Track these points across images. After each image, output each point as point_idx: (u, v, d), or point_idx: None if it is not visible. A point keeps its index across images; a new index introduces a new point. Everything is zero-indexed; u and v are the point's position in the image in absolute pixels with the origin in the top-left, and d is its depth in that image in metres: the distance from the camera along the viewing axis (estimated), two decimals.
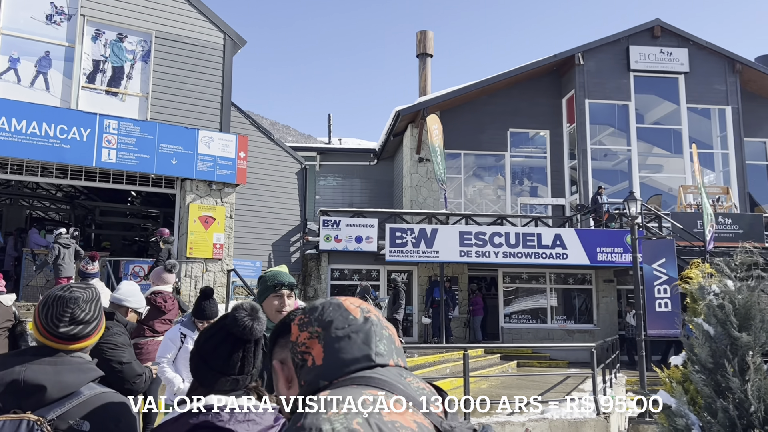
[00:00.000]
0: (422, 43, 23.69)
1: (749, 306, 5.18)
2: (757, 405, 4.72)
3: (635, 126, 20.66)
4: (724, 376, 4.91)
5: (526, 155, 21.64)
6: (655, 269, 10.61)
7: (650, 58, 20.54)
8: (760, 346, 5.13)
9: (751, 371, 4.84)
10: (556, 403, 8.46)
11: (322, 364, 1.11)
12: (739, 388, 4.82)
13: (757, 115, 21.62)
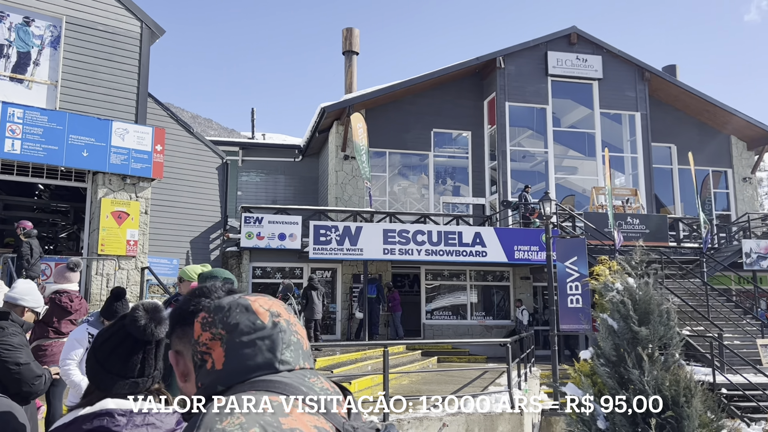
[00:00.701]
0: (348, 41, 23.66)
1: (648, 301, 5.49)
2: (653, 394, 5.01)
3: (552, 129, 21.47)
4: (626, 369, 5.18)
5: (449, 155, 22.04)
6: (567, 267, 11.07)
7: (567, 64, 21.41)
8: (659, 339, 5.45)
9: (646, 363, 5.14)
10: (473, 398, 8.68)
11: (221, 369, 1.06)
12: (639, 379, 5.11)
13: (663, 122, 22.97)
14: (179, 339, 1.23)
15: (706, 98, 22.50)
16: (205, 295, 1.25)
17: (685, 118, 23.52)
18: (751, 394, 12.11)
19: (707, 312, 15.68)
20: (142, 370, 1.80)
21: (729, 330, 15.35)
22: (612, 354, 5.27)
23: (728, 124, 23.34)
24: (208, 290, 1.28)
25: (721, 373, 12.41)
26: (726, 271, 18.33)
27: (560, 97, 21.86)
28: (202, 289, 1.29)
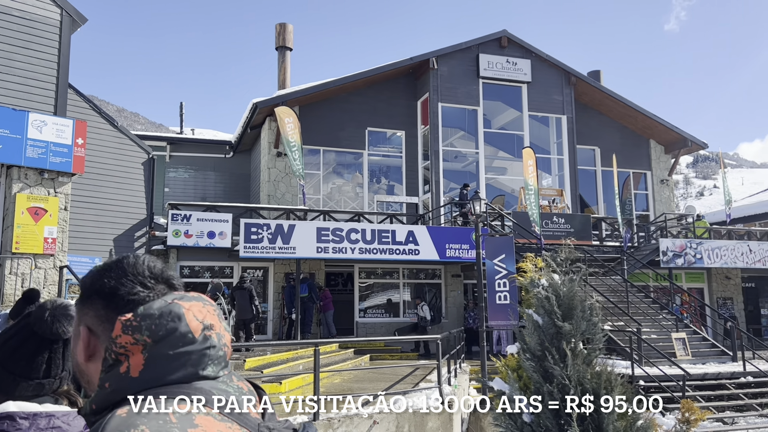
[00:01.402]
0: (282, 36, 23.34)
1: (572, 297, 5.66)
2: (575, 388, 5.17)
3: (483, 130, 21.92)
4: (550, 363, 5.32)
5: (383, 154, 22.13)
6: (496, 264, 11.33)
7: (497, 66, 21.91)
8: (581, 334, 5.62)
9: (568, 358, 5.30)
10: (403, 395, 8.73)
11: (136, 378, 0.98)
12: (562, 373, 5.25)
13: (588, 125, 23.88)
14: (91, 315, 1.09)
15: (627, 103, 23.57)
16: (127, 272, 1.10)
17: (608, 122, 24.55)
18: (666, 385, 12.76)
19: (627, 308, 16.41)
20: (48, 371, 1.69)
21: (647, 325, 16.12)
22: (537, 349, 5.40)
23: (648, 128, 24.54)
24: (130, 266, 1.11)
25: (639, 366, 13.02)
26: (645, 268, 19.25)
27: (491, 99, 22.35)
28: (124, 264, 1.11)
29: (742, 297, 22.67)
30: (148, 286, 1.09)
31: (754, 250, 20.22)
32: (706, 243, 19.67)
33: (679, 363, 13.61)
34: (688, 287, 21.74)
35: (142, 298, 1.06)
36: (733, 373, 13.76)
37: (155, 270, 1.12)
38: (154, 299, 1.06)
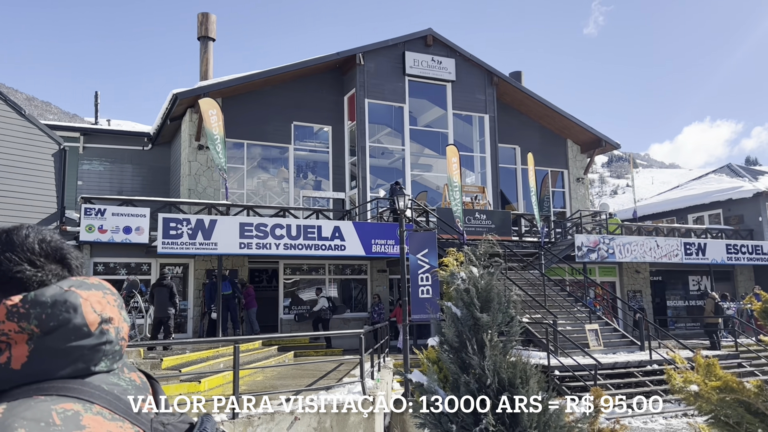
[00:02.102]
0: (204, 26, 22.67)
1: (489, 290, 5.78)
2: (492, 378, 5.29)
3: (409, 127, 22.15)
4: (468, 354, 5.41)
5: (310, 149, 21.95)
6: (419, 259, 11.48)
7: (423, 64, 22.18)
8: (498, 325, 5.76)
9: (486, 348, 5.42)
10: (326, 390, 8.69)
11: (18, 371, 0.88)
12: (479, 363, 5.36)
13: (509, 124, 24.59)
14: None
15: (546, 104, 24.43)
16: (15, 246, 0.97)
17: (529, 122, 25.38)
18: (579, 374, 13.35)
19: (544, 301, 17.04)
20: None
21: (563, 317, 16.81)
22: (455, 340, 5.49)
23: (565, 128, 25.55)
24: (19, 239, 0.98)
25: (555, 356, 13.55)
26: (561, 263, 20.05)
27: (417, 97, 22.60)
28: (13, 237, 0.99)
29: (650, 290, 24.04)
30: (37, 264, 0.97)
31: (661, 246, 21.46)
32: (617, 239, 20.70)
33: (591, 353, 14.27)
34: (601, 281, 22.82)
35: (28, 277, 0.95)
36: (641, 362, 14.56)
37: (47, 246, 1.00)
38: (45, 280, 0.96)
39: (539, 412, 5.34)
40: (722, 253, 22.57)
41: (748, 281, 25.42)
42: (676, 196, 31.78)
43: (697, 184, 32.49)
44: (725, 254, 22.62)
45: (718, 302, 18.58)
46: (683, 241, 21.95)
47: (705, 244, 22.36)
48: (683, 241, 21.90)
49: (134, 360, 9.85)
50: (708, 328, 18.62)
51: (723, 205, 27.58)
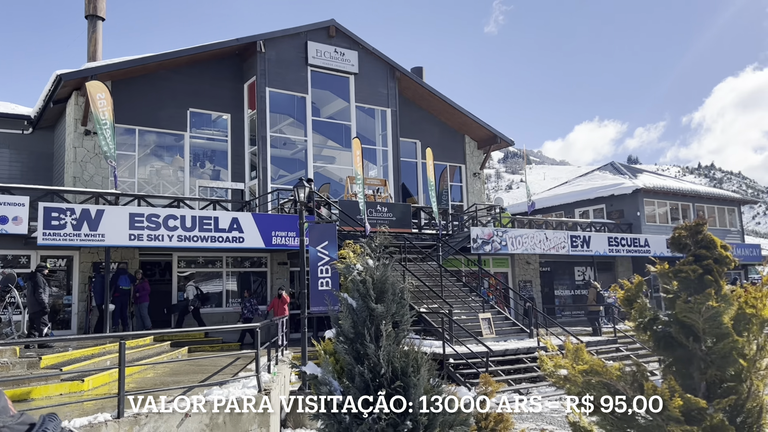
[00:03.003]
0: (92, 4, 21.29)
1: (384, 281, 5.85)
2: (386, 368, 5.35)
3: (311, 118, 21.96)
4: (363, 344, 5.46)
5: (207, 137, 21.24)
6: (319, 251, 11.44)
7: (326, 55, 22.05)
8: (392, 316, 5.85)
9: (382, 339, 5.49)
10: (220, 386, 8.48)
11: None
12: (374, 353, 5.42)
13: (411, 119, 25.00)
14: None
15: (446, 100, 25.05)
16: None
17: (429, 117, 25.93)
18: (472, 362, 13.86)
19: (441, 291, 17.53)
20: None
21: (458, 306, 17.37)
22: (350, 331, 5.52)
23: (464, 124, 26.33)
24: None
25: (450, 344, 13.98)
26: (458, 254, 20.69)
27: (320, 88, 22.45)
28: None
29: (539, 280, 25.36)
30: None
31: (550, 238, 22.68)
32: (510, 231, 21.65)
33: (484, 341, 14.85)
34: (494, 271, 23.79)
35: None
36: (529, 348, 15.33)
37: None
38: None
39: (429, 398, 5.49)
40: (604, 246, 24.19)
41: (627, 271, 27.43)
42: (564, 191, 33.67)
43: (583, 180, 34.59)
44: (607, 246, 24.26)
45: (600, 291, 19.92)
46: (570, 234, 23.31)
47: (589, 236, 23.87)
48: (570, 234, 23.26)
49: (8, 359, 9.13)
50: (590, 315, 19.93)
51: (606, 200, 29.56)
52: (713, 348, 2.81)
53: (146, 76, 19.63)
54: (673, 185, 31.24)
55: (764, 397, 2.96)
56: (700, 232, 3.00)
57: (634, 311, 3.10)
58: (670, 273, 3.02)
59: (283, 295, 16.13)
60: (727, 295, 2.87)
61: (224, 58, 21.20)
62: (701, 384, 2.88)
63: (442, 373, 13.21)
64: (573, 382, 3.03)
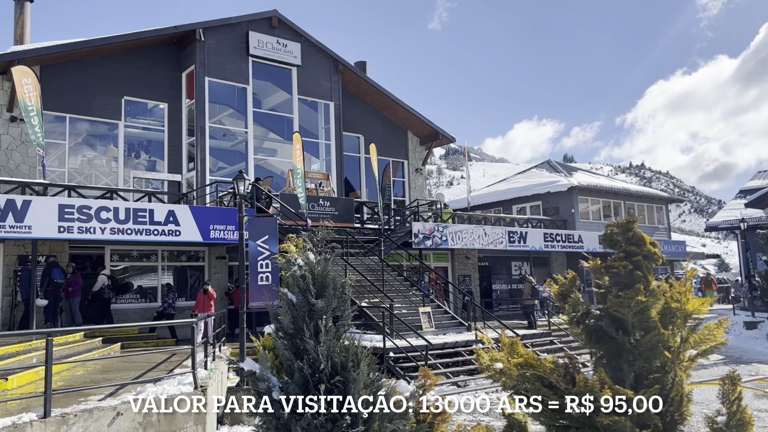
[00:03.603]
0: None
1: (325, 276, 5.82)
2: (326, 363, 5.33)
3: (252, 110, 21.58)
4: (302, 339, 5.41)
5: (143, 127, 20.55)
6: (259, 245, 11.27)
7: (268, 46, 21.69)
8: (332, 311, 5.83)
9: (321, 334, 5.46)
10: (154, 383, 8.24)
11: None
12: (313, 349, 5.39)
13: (354, 113, 24.94)
14: None
15: (389, 95, 25.12)
16: None
17: (372, 112, 25.95)
18: (412, 355, 14.00)
19: (383, 286, 17.61)
20: None
21: (399, 301, 17.49)
22: (290, 327, 5.47)
23: (406, 120, 26.49)
24: None
25: (390, 338, 14.07)
26: (399, 249, 20.83)
27: (261, 79, 22.08)
28: None
29: (478, 274, 25.85)
30: None
31: (489, 234, 23.14)
32: (450, 227, 21.95)
33: (424, 335, 15.02)
34: (435, 266, 24.10)
35: None
36: (467, 342, 15.61)
37: None
38: None
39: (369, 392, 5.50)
40: (540, 241, 24.87)
41: (561, 266, 28.32)
42: (503, 188, 34.43)
43: (521, 178, 35.45)
44: (543, 242, 24.95)
45: (535, 286, 20.49)
46: (507, 229, 23.85)
47: (526, 232, 24.49)
48: (507, 230, 23.80)
49: None
50: (526, 309, 20.47)
51: (542, 197, 30.39)
52: (641, 341, 2.94)
53: (78, 62, 18.80)
54: (605, 184, 32.44)
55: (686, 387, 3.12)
56: (631, 229, 3.13)
57: (567, 305, 3.20)
58: (602, 269, 3.13)
59: (209, 291, 15.65)
60: (655, 290, 3.00)
61: (162, 46, 20.54)
62: (630, 375, 3.01)
63: (383, 367, 13.28)
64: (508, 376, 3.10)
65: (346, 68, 23.86)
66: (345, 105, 24.12)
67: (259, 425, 5.28)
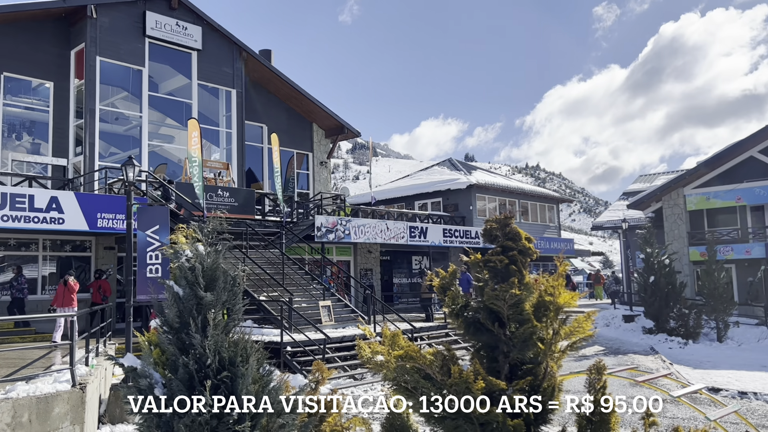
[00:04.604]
0: None
1: (215, 268, 5.63)
2: (213, 358, 5.16)
3: (148, 93, 20.55)
4: (189, 334, 5.21)
5: (26, 106, 19.05)
6: (148, 236, 10.75)
7: (166, 28, 20.72)
8: (222, 304, 5.65)
9: (209, 328, 5.28)
10: (26, 381, 7.66)
11: None
12: (200, 343, 5.19)
13: (257, 102, 24.38)
14: None
15: (293, 85, 24.77)
16: None
17: (277, 102, 25.49)
18: (310, 349, 13.92)
19: (283, 279, 17.37)
20: None
21: (299, 295, 17.33)
22: (176, 321, 5.25)
23: (312, 112, 26.25)
24: None
25: (288, 333, 13.91)
26: (301, 242, 20.62)
27: (158, 62, 21.08)
28: None
29: (379, 268, 26.12)
30: None
31: (391, 228, 23.42)
32: (353, 221, 22.02)
33: (323, 328, 14.97)
34: (338, 260, 24.09)
35: None
36: (365, 335, 15.72)
37: None
38: None
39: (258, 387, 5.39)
40: (440, 237, 25.49)
41: (459, 261, 29.17)
42: (406, 184, 34.99)
43: (423, 174, 36.19)
44: (442, 237, 25.59)
45: None
46: (409, 225, 24.25)
47: (426, 228, 25.01)
48: (409, 225, 24.20)
49: None
50: (424, 302, 20.93)
51: (443, 194, 31.17)
52: (516, 333, 3.06)
53: None
54: (502, 183, 33.77)
55: (558, 377, 3.28)
56: (508, 225, 3.24)
57: (447, 298, 3.27)
58: (480, 263, 3.22)
59: (69, 283, 13.97)
60: (530, 283, 3.13)
61: (48, 20, 19.10)
62: (505, 366, 3.13)
63: (279, 362, 13.12)
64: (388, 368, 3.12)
65: (250, 55, 23.27)
66: (248, 93, 23.53)
67: (140, 423, 5.04)
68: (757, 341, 20.63)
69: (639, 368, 14.05)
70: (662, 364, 16.59)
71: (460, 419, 2.86)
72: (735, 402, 12.47)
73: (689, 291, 24.86)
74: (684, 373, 15.38)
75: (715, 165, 27.53)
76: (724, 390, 13.54)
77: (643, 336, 21.37)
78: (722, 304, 21.16)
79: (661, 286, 21.55)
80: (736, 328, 21.62)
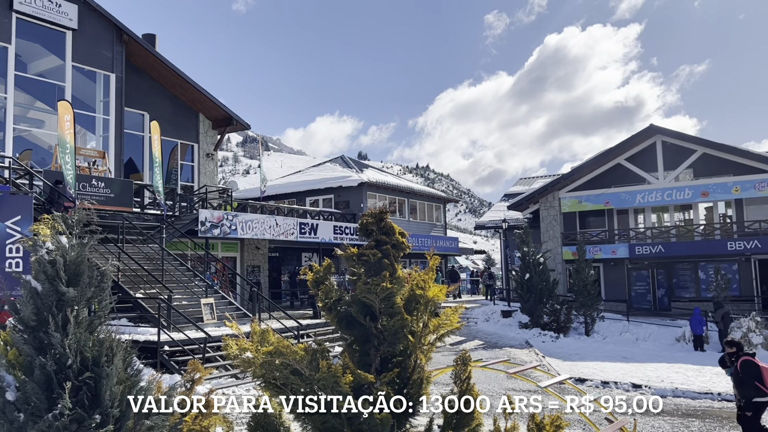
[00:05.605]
0: None
1: (80, 262, 5.26)
2: (74, 358, 4.82)
3: (14, 73, 18.85)
4: (47, 333, 4.83)
5: None
6: (9, 227, 9.85)
7: (37, 3, 19.08)
8: (86, 301, 5.29)
9: (70, 326, 4.92)
10: None
11: None
12: (60, 343, 4.83)
13: (139, 88, 23.08)
14: None
15: (179, 73, 23.72)
16: None
17: (161, 89, 24.29)
18: (189, 349, 13.40)
19: (162, 276, 16.59)
20: None
21: (179, 292, 16.63)
22: (32, 318, 4.87)
23: (198, 101, 25.26)
24: None
25: (166, 331, 13.31)
26: (184, 237, 19.81)
27: (28, 40, 19.38)
28: None
29: (267, 265, 25.67)
30: None
31: (280, 224, 23.10)
32: (241, 216, 21.47)
33: (204, 327, 14.47)
34: (223, 256, 23.39)
35: None
36: (249, 333, 15.38)
37: None
38: None
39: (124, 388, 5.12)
40: (330, 233, 25.49)
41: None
42: (297, 180, 34.68)
43: (315, 171, 36.04)
44: (333, 234, 25.61)
45: None
46: (299, 221, 24.04)
47: (317, 224, 24.91)
48: (299, 221, 23.99)
49: None
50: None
51: (335, 191, 31.21)
52: (387, 326, 3.10)
53: None
54: (392, 182, 34.36)
55: (427, 370, 3.37)
56: (383, 219, 3.29)
57: (321, 292, 3.25)
58: (354, 257, 3.24)
59: None
60: (401, 277, 3.19)
61: None
62: (376, 360, 3.16)
63: (156, 362, 12.51)
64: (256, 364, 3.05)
65: (132, 39, 21.98)
66: (129, 79, 22.23)
67: None
68: (620, 334, 22.48)
69: (512, 361, 14.82)
70: (535, 357, 17.61)
71: (328, 414, 2.84)
72: (598, 391, 13.49)
73: (561, 288, 26.60)
74: (554, 365, 16.42)
75: (587, 171, 29.64)
76: (588, 380, 14.61)
77: (519, 330, 22.59)
78: (590, 300, 22.83)
79: (536, 283, 22.88)
80: (602, 323, 23.43)
